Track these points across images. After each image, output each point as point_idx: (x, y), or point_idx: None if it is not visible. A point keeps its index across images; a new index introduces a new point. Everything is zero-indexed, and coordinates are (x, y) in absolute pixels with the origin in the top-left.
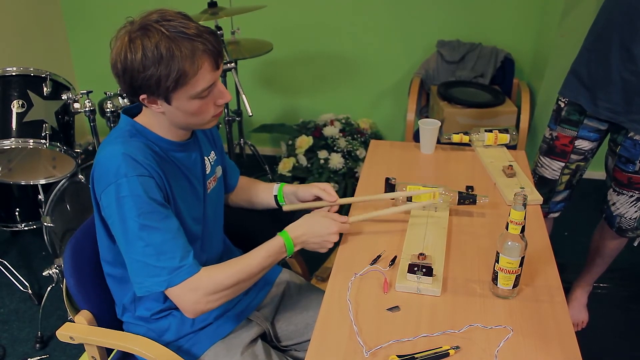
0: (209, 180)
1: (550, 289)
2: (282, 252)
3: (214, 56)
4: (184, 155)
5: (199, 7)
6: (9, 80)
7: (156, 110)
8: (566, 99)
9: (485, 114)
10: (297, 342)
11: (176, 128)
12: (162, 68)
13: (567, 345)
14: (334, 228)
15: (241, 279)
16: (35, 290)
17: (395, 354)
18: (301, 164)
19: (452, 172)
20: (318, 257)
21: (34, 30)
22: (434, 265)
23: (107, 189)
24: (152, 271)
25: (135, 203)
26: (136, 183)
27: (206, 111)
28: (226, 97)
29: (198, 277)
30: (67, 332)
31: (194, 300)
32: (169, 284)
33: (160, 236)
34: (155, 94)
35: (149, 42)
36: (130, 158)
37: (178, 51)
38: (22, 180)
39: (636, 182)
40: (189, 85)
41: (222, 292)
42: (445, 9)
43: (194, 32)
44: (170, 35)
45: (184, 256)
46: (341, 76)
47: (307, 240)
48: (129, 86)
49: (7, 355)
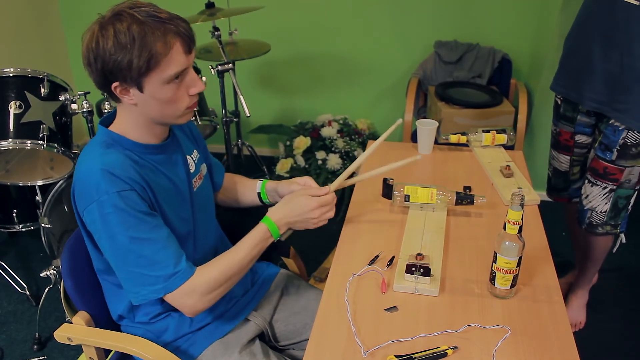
0: (194, 179)
1: (548, 288)
2: (267, 237)
3: (186, 39)
4: (164, 157)
5: (196, 8)
6: (7, 81)
7: (129, 102)
8: (560, 95)
9: (483, 115)
10: (295, 342)
11: (152, 126)
12: (134, 50)
13: (565, 345)
14: (312, 204)
15: (234, 273)
16: (33, 291)
17: (394, 354)
18: (299, 165)
19: (450, 172)
20: (316, 257)
21: (32, 31)
22: (431, 266)
23: (89, 207)
24: (147, 280)
25: (121, 218)
26: (118, 199)
27: (180, 100)
28: (199, 85)
29: (193, 280)
30: (65, 333)
31: (192, 302)
32: (166, 290)
33: (151, 246)
34: (128, 80)
35: (121, 26)
36: (108, 173)
37: (150, 32)
38: (20, 181)
39: (611, 173)
40: (161, 67)
41: (218, 289)
42: (443, 9)
43: (166, 16)
44: (142, 18)
45: (177, 262)
46: (339, 77)
47: (290, 220)
48: (101, 74)
49: (5, 356)
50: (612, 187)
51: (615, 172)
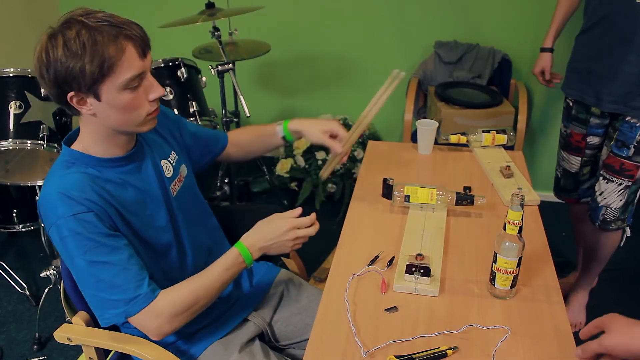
0: (172, 183)
1: (548, 289)
2: (239, 262)
3: (139, 42)
4: (131, 168)
5: (196, 8)
6: (7, 81)
7: (87, 112)
8: (572, 98)
9: (483, 115)
10: (295, 342)
11: (114, 136)
12: (85, 56)
13: (565, 346)
14: (285, 226)
15: (200, 297)
16: (33, 291)
17: (393, 354)
18: (299, 165)
19: (450, 172)
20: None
21: (32, 31)
22: (431, 266)
23: (50, 229)
24: (108, 304)
25: (78, 242)
26: (73, 222)
27: (139, 106)
28: (158, 90)
29: (157, 303)
30: (64, 333)
31: (157, 325)
32: (127, 314)
33: (109, 270)
34: (83, 89)
35: (70, 33)
36: (65, 197)
37: (100, 37)
38: (20, 181)
39: (627, 169)
40: (115, 73)
41: (185, 312)
42: (443, 9)
43: (116, 21)
44: (92, 24)
45: (138, 285)
46: (339, 77)
47: (264, 245)
48: (55, 84)
49: (4, 356)
50: (628, 183)
51: (632, 169)
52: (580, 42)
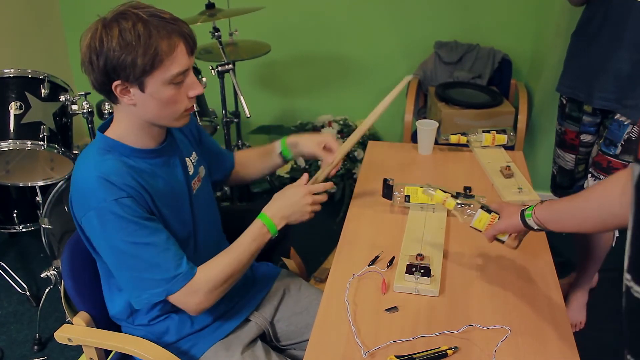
0: (193, 181)
1: (548, 289)
2: (264, 232)
3: (189, 41)
4: (161, 161)
5: (196, 8)
6: (7, 81)
7: (128, 102)
8: (566, 95)
9: (483, 115)
10: (296, 342)
11: (148, 128)
12: (139, 48)
13: (565, 345)
14: (301, 192)
15: (235, 270)
16: (34, 292)
17: (394, 354)
18: (299, 166)
19: (450, 173)
20: (317, 258)
21: (32, 32)
22: (431, 266)
23: (87, 214)
24: (148, 284)
25: (120, 225)
26: (116, 206)
27: (179, 101)
28: (198, 88)
29: (196, 280)
30: (65, 333)
31: (196, 301)
32: (168, 292)
33: (151, 250)
34: (130, 79)
35: (127, 24)
36: (105, 181)
37: (155, 31)
38: (20, 181)
39: (614, 168)
40: (164, 67)
41: (221, 286)
42: (443, 10)
43: (169, 17)
44: (146, 18)
45: (178, 264)
46: (339, 77)
47: (285, 213)
48: (103, 72)
49: (5, 357)
50: None
51: (619, 167)
52: (575, 39)
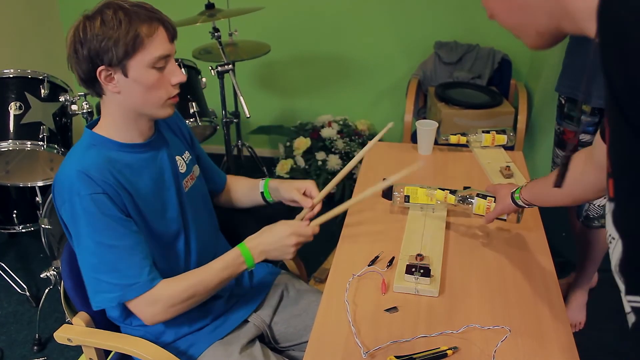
0: (185, 179)
1: (548, 289)
2: (240, 262)
3: (170, 28)
4: (148, 156)
5: (196, 8)
6: (7, 82)
7: (113, 90)
8: (565, 95)
9: (483, 115)
10: (295, 344)
11: (135, 120)
12: (120, 29)
13: (565, 345)
14: (286, 231)
15: (198, 292)
16: (33, 292)
17: (394, 354)
18: (299, 166)
19: (450, 173)
20: (316, 258)
21: (32, 32)
22: (431, 266)
23: (63, 206)
24: (104, 287)
25: (89, 221)
26: (88, 201)
27: (162, 87)
28: (180, 75)
29: (156, 292)
30: (64, 334)
31: (153, 312)
32: (121, 299)
33: (114, 253)
34: (114, 62)
35: (108, 12)
36: (83, 175)
37: (136, 16)
38: (20, 182)
39: None
40: (145, 49)
41: (181, 304)
42: (443, 10)
43: (150, 7)
44: (128, 7)
45: (139, 273)
46: (339, 78)
47: (266, 248)
48: (87, 59)
49: (5, 357)
50: None
51: None
52: (573, 39)
